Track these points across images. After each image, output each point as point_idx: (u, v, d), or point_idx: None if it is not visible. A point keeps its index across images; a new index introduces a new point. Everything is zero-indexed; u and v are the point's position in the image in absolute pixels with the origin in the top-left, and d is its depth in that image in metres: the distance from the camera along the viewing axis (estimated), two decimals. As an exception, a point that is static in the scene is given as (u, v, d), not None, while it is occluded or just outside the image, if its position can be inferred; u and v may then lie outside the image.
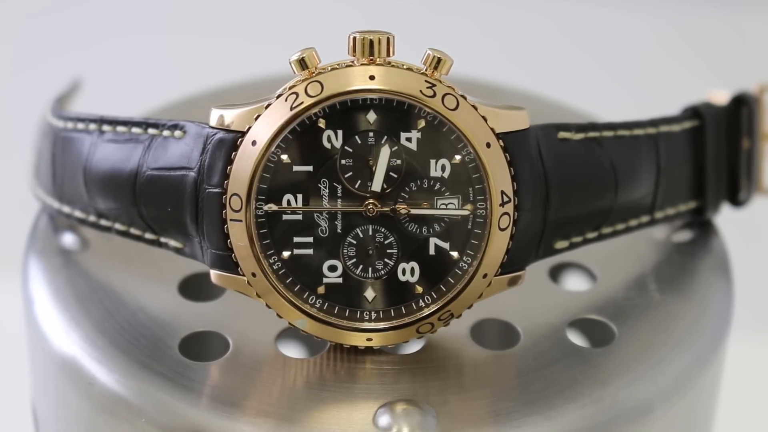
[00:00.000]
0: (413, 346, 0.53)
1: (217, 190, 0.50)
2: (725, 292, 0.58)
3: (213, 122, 0.50)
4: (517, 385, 0.51)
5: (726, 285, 0.59)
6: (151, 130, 0.53)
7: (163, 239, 0.53)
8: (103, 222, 0.55)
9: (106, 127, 0.54)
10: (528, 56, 1.13)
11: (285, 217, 0.50)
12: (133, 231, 0.54)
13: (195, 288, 0.57)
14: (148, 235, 0.54)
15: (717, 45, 1.15)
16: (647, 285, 0.57)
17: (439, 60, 0.49)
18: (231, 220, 0.49)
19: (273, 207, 0.50)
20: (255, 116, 0.49)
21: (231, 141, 0.50)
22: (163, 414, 0.50)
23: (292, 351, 0.66)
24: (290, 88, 0.49)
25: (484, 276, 0.50)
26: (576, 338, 0.55)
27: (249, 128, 0.49)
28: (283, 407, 0.49)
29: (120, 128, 0.54)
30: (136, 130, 0.53)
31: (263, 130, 0.49)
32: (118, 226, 0.55)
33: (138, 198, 0.53)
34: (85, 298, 0.55)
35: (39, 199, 0.60)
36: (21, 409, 0.67)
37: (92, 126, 0.55)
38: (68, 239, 0.59)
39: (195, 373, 0.51)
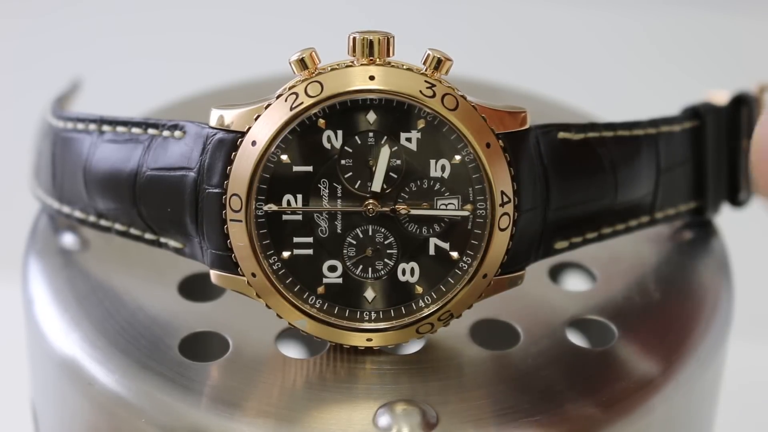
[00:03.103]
0: (413, 346, 0.53)
1: (216, 190, 0.50)
2: (725, 292, 0.58)
3: (213, 122, 0.50)
4: (517, 385, 0.51)
5: (726, 285, 0.59)
6: (150, 131, 0.53)
7: (162, 239, 0.53)
8: (103, 222, 0.55)
9: (105, 128, 0.54)
10: (528, 56, 1.13)
11: (285, 217, 0.50)
12: (133, 231, 0.54)
13: (195, 288, 0.57)
14: (148, 236, 0.54)
15: (717, 45, 1.15)
16: (647, 285, 0.57)
17: (439, 60, 0.49)
18: (231, 220, 0.49)
19: (273, 207, 0.50)
20: (255, 116, 0.49)
21: (231, 141, 0.50)
22: (163, 414, 0.50)
23: (292, 351, 0.66)
24: (290, 89, 0.49)
25: (484, 276, 0.50)
26: (576, 338, 0.55)
27: (249, 128, 0.49)
28: (283, 407, 0.49)
29: (120, 128, 0.54)
30: (135, 130, 0.53)
31: (263, 130, 0.49)
32: (117, 226, 0.55)
33: (138, 198, 0.53)
34: (85, 298, 0.55)
35: (39, 200, 0.60)
36: (21, 409, 0.67)
37: (92, 126, 0.55)
38: (68, 239, 0.59)
39: (195, 373, 0.51)
